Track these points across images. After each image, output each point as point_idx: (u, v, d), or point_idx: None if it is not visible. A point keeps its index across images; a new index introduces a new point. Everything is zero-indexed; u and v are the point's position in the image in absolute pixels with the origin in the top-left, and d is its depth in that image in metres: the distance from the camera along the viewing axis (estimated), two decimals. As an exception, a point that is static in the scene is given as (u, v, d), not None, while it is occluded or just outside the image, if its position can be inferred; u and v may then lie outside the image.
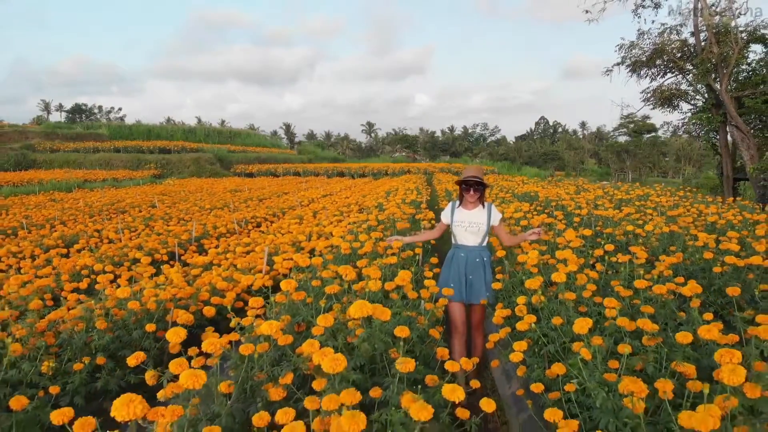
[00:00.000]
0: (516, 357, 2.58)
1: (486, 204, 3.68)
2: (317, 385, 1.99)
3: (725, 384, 1.65)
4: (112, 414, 1.38)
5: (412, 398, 1.60)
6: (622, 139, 58.92)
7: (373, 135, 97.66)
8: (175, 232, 7.37)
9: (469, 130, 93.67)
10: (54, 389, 2.41)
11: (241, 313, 3.78)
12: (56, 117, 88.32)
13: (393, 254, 3.96)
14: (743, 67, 17.85)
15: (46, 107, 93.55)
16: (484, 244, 3.65)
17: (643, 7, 19.02)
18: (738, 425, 1.78)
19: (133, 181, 23.99)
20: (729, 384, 1.64)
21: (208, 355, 2.30)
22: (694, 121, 19.47)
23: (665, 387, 1.74)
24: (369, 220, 6.30)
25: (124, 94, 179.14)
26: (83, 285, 4.73)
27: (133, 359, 2.14)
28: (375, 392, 1.89)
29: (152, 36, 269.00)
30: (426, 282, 3.19)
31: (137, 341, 3.23)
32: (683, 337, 2.10)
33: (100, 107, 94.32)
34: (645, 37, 19.05)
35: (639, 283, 3.04)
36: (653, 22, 25.86)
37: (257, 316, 2.91)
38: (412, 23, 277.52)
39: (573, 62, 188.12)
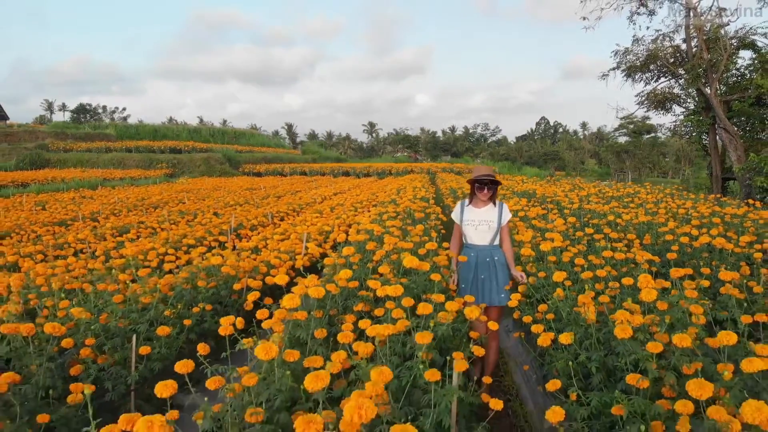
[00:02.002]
0: (512, 303, 3.56)
1: (498, 202, 3.66)
2: (379, 311, 2.98)
3: (643, 300, 2.64)
4: (282, 304, 2.37)
5: (447, 306, 2.59)
6: (623, 139, 59.55)
7: (374, 135, 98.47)
8: (215, 223, 8.38)
9: (470, 131, 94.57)
10: (187, 321, 3.41)
11: (291, 284, 4.78)
12: (59, 117, 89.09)
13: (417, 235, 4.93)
14: (732, 72, 18.86)
15: (49, 107, 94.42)
16: (496, 242, 3.61)
17: (638, 14, 20.03)
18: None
19: (149, 179, 24.99)
20: (646, 300, 2.62)
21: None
22: (686, 123, 20.51)
23: (605, 299, 2.74)
24: (388, 212, 7.29)
25: (125, 94, 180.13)
26: (154, 264, 5.73)
27: (252, 296, 3.13)
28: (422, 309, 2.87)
29: (152, 36, 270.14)
30: (440, 254, 4.16)
31: (224, 298, 4.23)
32: (627, 281, 3.08)
33: (104, 107, 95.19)
34: (639, 43, 20.06)
35: (606, 253, 4.04)
36: (648, 28, 26.79)
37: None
38: (412, 23, 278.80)
39: (573, 62, 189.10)
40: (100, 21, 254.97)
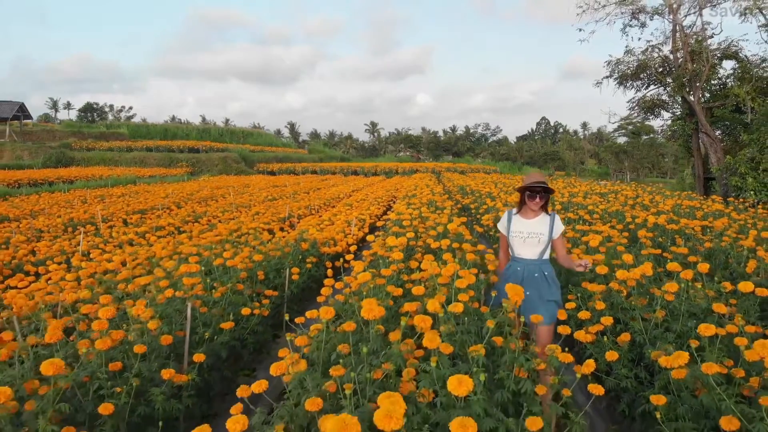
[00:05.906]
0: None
1: (551, 213, 3.42)
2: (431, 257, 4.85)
3: (591, 246, 4.52)
4: (388, 243, 4.25)
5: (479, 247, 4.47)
6: (622, 140, 61.15)
7: (376, 134, 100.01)
8: (272, 212, 10.27)
9: (471, 130, 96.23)
10: (309, 265, 5.30)
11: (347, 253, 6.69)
12: (64, 115, 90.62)
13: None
14: (714, 82, 20.74)
15: (54, 105, 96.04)
16: (546, 257, 3.36)
17: (630, 26, 21.90)
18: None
19: (175, 177, 26.87)
20: (592, 246, 4.50)
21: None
22: (672, 127, 22.44)
23: (568, 245, 4.63)
24: (414, 203, 9.18)
25: (126, 92, 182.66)
26: (242, 240, 7.61)
27: (353, 248, 5.01)
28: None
29: (152, 34, 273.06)
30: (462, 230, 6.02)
31: (315, 255, 6.13)
32: (586, 238, 4.95)
33: (111, 106, 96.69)
34: (631, 54, 21.93)
35: (579, 227, 5.92)
36: (639, 39, 28.64)
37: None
38: (412, 23, 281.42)
39: (573, 62, 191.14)
40: (100, 19, 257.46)
